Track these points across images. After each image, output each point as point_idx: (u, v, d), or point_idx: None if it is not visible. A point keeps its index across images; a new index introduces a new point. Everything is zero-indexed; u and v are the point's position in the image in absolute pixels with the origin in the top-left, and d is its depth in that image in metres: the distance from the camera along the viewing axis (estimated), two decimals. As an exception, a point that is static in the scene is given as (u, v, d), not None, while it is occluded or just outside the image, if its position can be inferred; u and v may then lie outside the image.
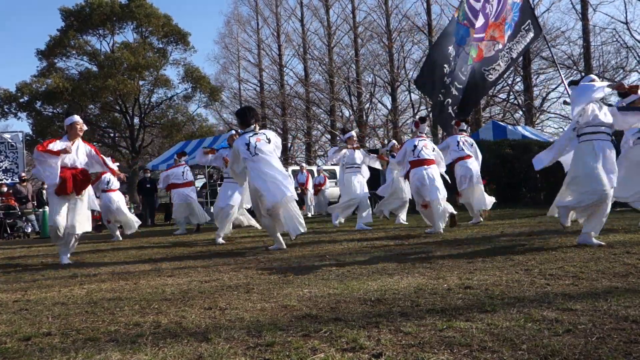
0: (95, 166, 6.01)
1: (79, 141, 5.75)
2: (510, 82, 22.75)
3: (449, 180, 7.31)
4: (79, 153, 5.70)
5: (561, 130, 21.24)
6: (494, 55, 7.63)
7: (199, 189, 18.24)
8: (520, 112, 23.19)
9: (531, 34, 7.99)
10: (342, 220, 9.17)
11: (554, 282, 3.09)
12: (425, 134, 7.57)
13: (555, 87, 22.54)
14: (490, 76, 7.83)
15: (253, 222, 8.13)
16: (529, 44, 8.27)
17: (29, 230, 12.94)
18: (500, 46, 7.58)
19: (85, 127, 5.85)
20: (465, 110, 7.97)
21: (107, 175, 9.14)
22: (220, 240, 7.23)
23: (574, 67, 20.29)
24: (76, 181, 5.53)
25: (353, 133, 8.77)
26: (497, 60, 7.69)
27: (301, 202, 14.34)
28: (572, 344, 1.93)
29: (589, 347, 1.89)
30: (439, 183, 6.74)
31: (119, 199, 9.37)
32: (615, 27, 20.26)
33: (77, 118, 5.77)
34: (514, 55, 7.95)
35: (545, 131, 21.15)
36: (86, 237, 10.63)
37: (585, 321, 2.22)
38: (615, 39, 19.12)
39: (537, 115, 22.40)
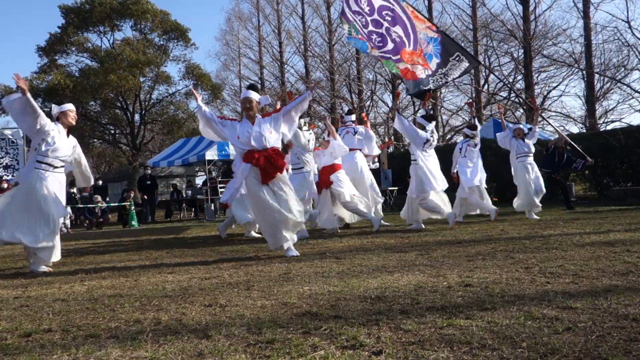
0: None
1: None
2: (511, 80, 22.71)
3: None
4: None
5: (561, 127, 21.21)
6: (425, 78, 8.37)
7: (199, 186, 18.26)
8: (521, 110, 23.15)
9: (465, 63, 8.75)
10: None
11: (554, 280, 3.09)
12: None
13: (557, 85, 22.51)
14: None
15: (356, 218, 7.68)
16: (467, 70, 9.05)
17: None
18: (430, 72, 8.33)
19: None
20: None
21: None
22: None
23: (576, 65, 20.26)
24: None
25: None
26: (428, 84, 8.44)
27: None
28: (572, 342, 1.93)
29: (589, 345, 1.89)
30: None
31: None
32: (616, 26, 20.22)
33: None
34: (450, 79, 8.81)
35: (546, 129, 21.11)
36: (86, 235, 10.66)
37: (585, 319, 2.22)
38: (616, 37, 19.08)
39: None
